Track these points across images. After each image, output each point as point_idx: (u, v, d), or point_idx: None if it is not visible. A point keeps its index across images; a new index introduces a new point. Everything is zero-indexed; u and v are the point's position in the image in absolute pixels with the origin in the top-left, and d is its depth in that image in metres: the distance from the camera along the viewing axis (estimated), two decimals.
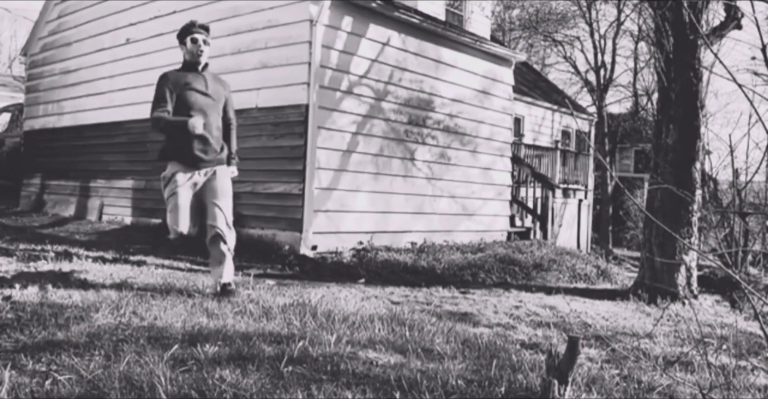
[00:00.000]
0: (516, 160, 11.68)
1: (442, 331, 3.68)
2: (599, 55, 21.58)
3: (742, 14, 7.18)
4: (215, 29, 5.03)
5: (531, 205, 12.02)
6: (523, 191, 12.13)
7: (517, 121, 15.99)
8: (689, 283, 6.90)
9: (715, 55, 2.59)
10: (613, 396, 2.80)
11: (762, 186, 12.38)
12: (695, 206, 6.84)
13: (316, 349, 2.96)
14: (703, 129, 6.93)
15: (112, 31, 10.02)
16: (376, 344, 3.18)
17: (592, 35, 21.43)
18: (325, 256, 7.48)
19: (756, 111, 2.37)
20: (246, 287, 4.65)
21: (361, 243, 7.93)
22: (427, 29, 9.19)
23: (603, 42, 21.75)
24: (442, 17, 10.07)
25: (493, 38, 14.47)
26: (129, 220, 9.50)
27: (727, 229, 9.55)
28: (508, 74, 11.01)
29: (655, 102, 16.78)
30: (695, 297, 6.90)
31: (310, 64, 7.43)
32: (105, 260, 5.81)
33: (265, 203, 7.64)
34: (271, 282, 5.55)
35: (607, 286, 8.22)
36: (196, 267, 6.15)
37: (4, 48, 33.33)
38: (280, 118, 7.62)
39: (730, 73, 2.37)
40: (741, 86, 2.41)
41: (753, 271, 9.10)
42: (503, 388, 2.64)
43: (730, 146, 4.30)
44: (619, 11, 20.11)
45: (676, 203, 6.77)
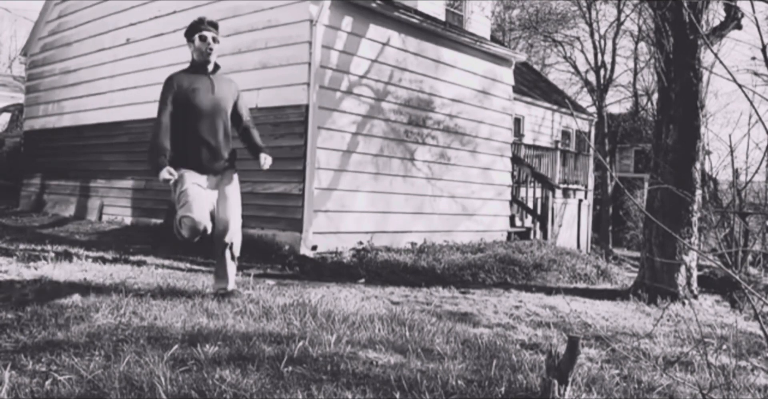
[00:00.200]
0: (516, 160, 11.68)
1: (442, 331, 3.68)
2: (599, 55, 21.59)
3: (742, 14, 7.18)
4: None
5: (531, 205, 12.02)
6: (523, 191, 12.13)
7: (517, 121, 16.00)
8: (689, 283, 6.90)
9: (715, 55, 2.59)
10: (613, 396, 2.80)
11: (762, 186, 12.38)
12: (695, 206, 6.84)
13: (316, 349, 2.96)
14: (703, 129, 6.93)
15: (113, 31, 10.03)
16: (376, 344, 3.18)
17: (592, 35, 21.44)
18: (325, 256, 7.49)
19: (756, 111, 2.37)
20: (246, 287, 4.65)
21: (361, 243, 7.93)
22: (427, 29, 9.19)
23: (603, 42, 21.76)
24: (442, 17, 10.07)
25: (493, 38, 14.47)
26: (129, 220, 9.50)
27: (727, 229, 9.55)
28: (508, 74, 11.01)
29: (655, 102, 16.78)
30: (695, 297, 6.90)
31: (310, 64, 7.44)
32: (105, 260, 5.81)
33: (265, 203, 7.64)
34: (271, 282, 5.55)
35: (607, 286, 8.22)
36: (196, 267, 6.15)
37: (4, 48, 33.35)
38: (280, 118, 7.63)
39: (730, 73, 2.37)
40: (741, 86, 2.41)
41: (753, 271, 9.10)
42: (503, 388, 2.64)
43: (730, 146, 4.30)
44: (619, 11, 20.12)
45: (676, 203, 6.77)
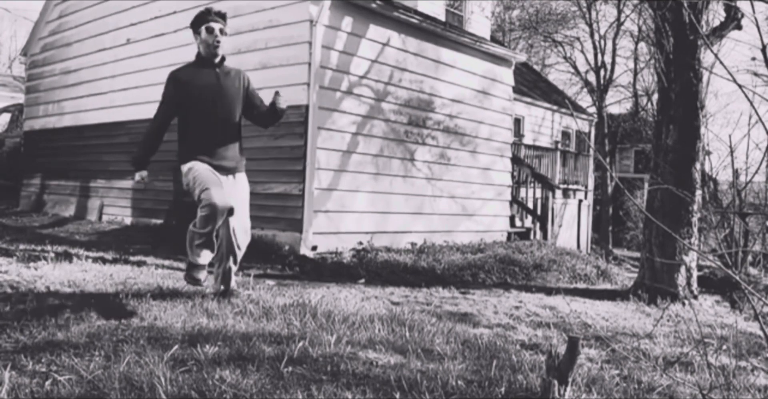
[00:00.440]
0: (516, 161, 11.68)
1: (442, 332, 3.68)
2: (599, 56, 21.58)
3: (742, 14, 7.18)
4: None
5: (531, 205, 12.02)
6: (523, 192, 12.13)
7: (517, 122, 16.00)
8: (689, 284, 6.90)
9: (715, 55, 2.59)
10: (613, 396, 2.80)
11: (762, 186, 12.38)
12: (695, 206, 6.84)
13: (316, 350, 2.96)
14: (703, 129, 6.93)
15: (113, 32, 10.03)
16: (376, 345, 3.18)
17: (592, 36, 21.44)
18: (325, 256, 7.49)
19: (756, 111, 2.37)
20: (246, 287, 4.65)
21: (361, 243, 7.93)
22: (427, 29, 9.19)
23: (603, 42, 21.76)
24: (442, 17, 10.08)
25: (493, 39, 14.48)
26: (129, 220, 9.50)
27: (727, 230, 9.55)
28: (508, 74, 11.01)
29: (655, 102, 16.78)
30: (695, 297, 6.90)
31: (310, 64, 7.44)
32: (105, 260, 5.81)
33: (265, 203, 7.64)
34: (271, 282, 5.55)
35: (607, 286, 8.22)
36: None
37: (4, 48, 33.37)
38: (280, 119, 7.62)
39: (730, 73, 2.37)
40: (741, 87, 2.42)
41: (753, 271, 9.09)
42: (503, 389, 2.64)
43: (730, 147, 4.30)
44: (619, 12, 20.12)
45: (676, 203, 6.77)
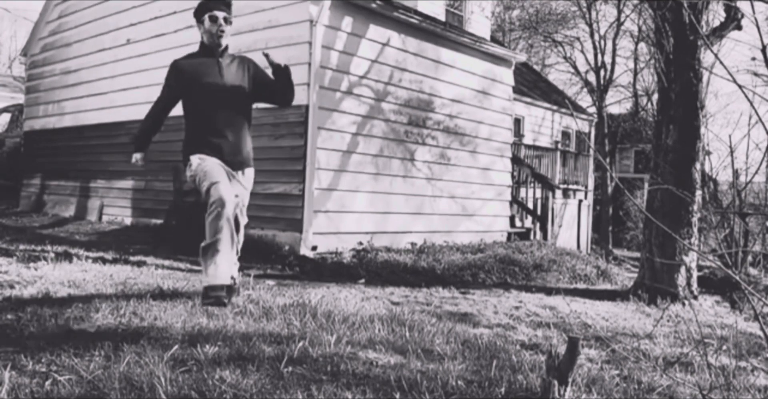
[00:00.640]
0: (516, 161, 11.68)
1: (442, 332, 3.68)
2: (599, 56, 21.59)
3: (742, 15, 7.18)
4: None
5: (531, 205, 12.02)
6: (523, 192, 12.13)
7: (517, 122, 16.00)
8: (689, 284, 6.90)
9: (716, 55, 2.59)
10: (613, 396, 2.80)
11: (762, 186, 12.38)
12: (695, 207, 6.84)
13: (316, 350, 2.96)
14: (703, 129, 6.93)
15: (113, 32, 10.03)
16: (376, 345, 3.18)
17: (592, 36, 21.44)
18: (325, 256, 7.49)
19: (756, 112, 2.37)
20: (246, 287, 4.65)
21: (361, 243, 7.93)
22: (426, 29, 9.19)
23: (603, 42, 21.76)
24: (442, 18, 10.08)
25: (493, 39, 14.48)
26: (129, 220, 9.50)
27: (727, 230, 9.55)
28: (507, 75, 11.01)
29: (655, 102, 16.78)
30: (695, 297, 6.90)
31: (310, 64, 7.44)
32: (105, 261, 5.81)
33: (264, 204, 7.64)
34: (271, 282, 5.55)
35: (607, 286, 8.22)
36: (196, 267, 6.14)
37: (4, 48, 33.39)
38: (280, 119, 7.62)
39: (730, 73, 2.37)
40: (741, 87, 2.41)
41: (753, 271, 9.09)
42: (503, 389, 2.64)
43: (730, 147, 4.30)
44: (619, 12, 20.12)
45: (676, 204, 6.77)
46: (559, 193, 12.20)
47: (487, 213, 10.53)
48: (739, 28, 7.27)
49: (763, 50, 2.34)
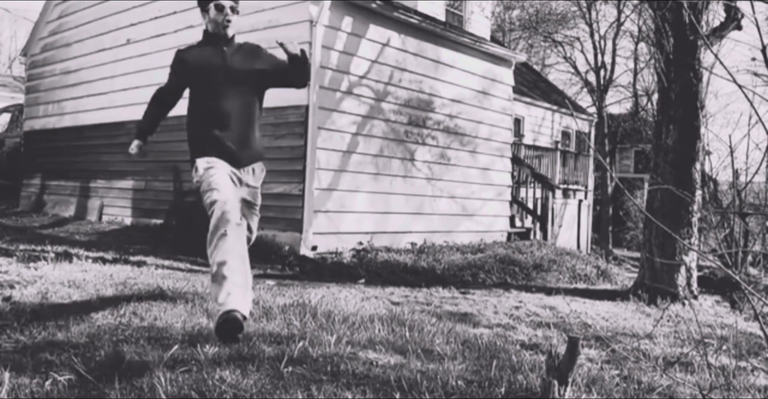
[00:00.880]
0: (516, 161, 11.68)
1: (442, 332, 3.68)
2: (599, 56, 21.58)
3: (742, 15, 7.18)
4: None
5: (531, 205, 12.02)
6: (523, 192, 12.13)
7: (517, 122, 16.00)
8: (689, 284, 6.90)
9: (715, 55, 2.59)
10: (613, 396, 2.80)
11: (762, 186, 12.38)
12: (695, 207, 6.84)
13: (316, 350, 2.96)
14: (703, 129, 6.93)
15: (113, 32, 10.03)
16: (376, 345, 3.18)
17: (592, 36, 21.43)
18: (325, 256, 7.49)
19: (756, 112, 2.37)
20: None
21: (361, 243, 7.93)
22: (426, 30, 9.19)
23: (603, 42, 21.75)
24: (442, 18, 10.08)
25: (493, 39, 14.48)
26: (129, 220, 9.50)
27: (727, 230, 9.54)
28: (507, 75, 11.01)
29: (655, 102, 16.77)
30: (695, 297, 6.90)
31: (310, 64, 7.43)
32: (105, 261, 5.81)
33: (264, 204, 7.56)
34: (271, 282, 5.56)
35: (607, 286, 8.22)
36: (196, 267, 6.15)
37: (4, 48, 33.40)
38: (280, 119, 7.62)
39: (730, 73, 2.37)
40: (741, 87, 2.41)
41: (753, 271, 9.09)
42: (503, 389, 2.64)
43: (730, 147, 4.30)
44: (619, 12, 20.11)
45: (676, 204, 6.77)
46: (559, 193, 12.20)
47: (487, 213, 10.53)
48: (739, 28, 7.26)
49: (763, 50, 2.34)
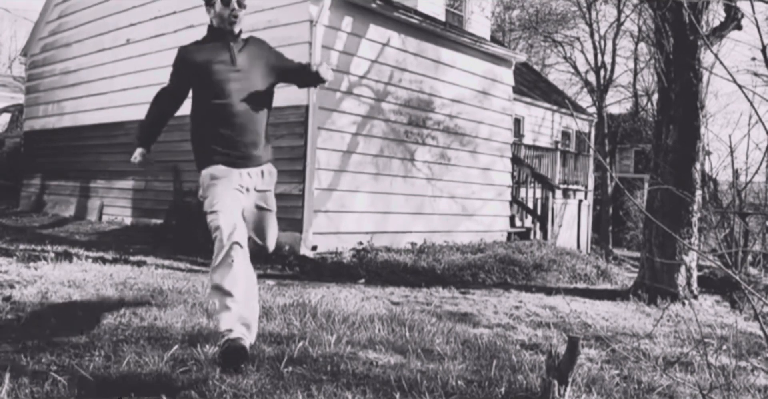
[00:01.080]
0: (516, 161, 11.68)
1: (442, 332, 3.68)
2: (599, 56, 21.58)
3: (742, 15, 7.17)
4: None
5: (531, 205, 12.02)
6: (523, 192, 12.13)
7: (517, 122, 16.00)
8: (689, 284, 6.90)
9: (715, 55, 2.59)
10: (613, 396, 2.80)
11: (762, 186, 12.38)
12: (695, 206, 6.84)
13: (316, 350, 2.96)
14: (703, 129, 6.92)
15: (113, 32, 10.03)
16: (376, 345, 3.18)
17: (592, 36, 21.43)
18: (325, 256, 7.48)
19: (756, 112, 2.37)
20: None
21: (361, 243, 7.93)
22: (426, 29, 9.19)
23: (603, 42, 21.75)
24: (442, 18, 10.08)
25: (493, 39, 14.48)
26: (129, 220, 9.50)
27: (727, 230, 9.54)
28: (507, 75, 11.01)
29: (655, 102, 16.77)
30: (695, 297, 6.90)
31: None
32: (105, 261, 5.81)
33: None
34: (271, 282, 5.56)
35: (607, 286, 8.22)
36: (196, 267, 6.15)
37: (4, 48, 33.40)
38: (280, 119, 7.62)
39: (730, 73, 2.37)
40: (741, 87, 2.41)
41: (753, 271, 9.09)
42: (503, 389, 2.64)
43: (730, 147, 4.30)
44: (619, 12, 20.11)
45: (676, 203, 6.77)
46: (559, 193, 12.20)
47: (487, 213, 10.53)
48: (739, 28, 7.26)
49: (763, 50, 2.34)
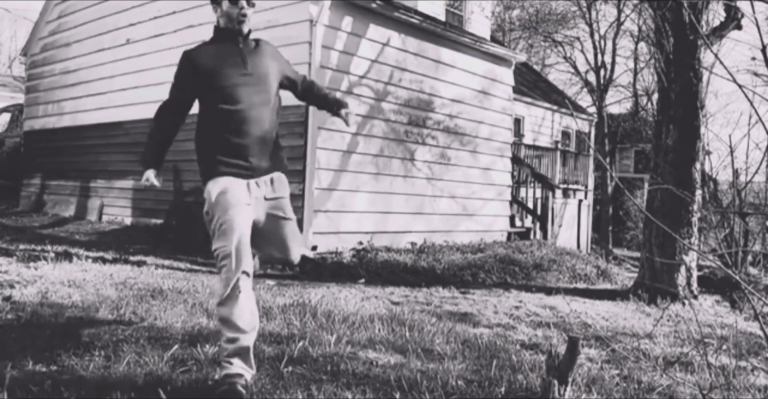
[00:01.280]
0: (516, 161, 11.68)
1: (442, 332, 3.68)
2: (599, 56, 21.58)
3: (742, 14, 7.17)
4: None
5: (531, 205, 12.02)
6: (523, 191, 12.13)
7: (517, 122, 16.00)
8: (689, 284, 6.90)
9: (715, 55, 2.59)
10: (613, 396, 2.80)
11: (762, 186, 12.38)
12: (695, 206, 6.84)
13: (316, 350, 2.96)
14: (703, 129, 6.92)
15: (112, 32, 10.03)
16: (376, 344, 3.18)
17: (592, 36, 21.43)
18: (325, 256, 7.48)
19: (756, 111, 2.37)
20: None
21: (361, 243, 7.92)
22: (427, 29, 9.19)
23: (603, 42, 21.75)
24: (442, 17, 10.08)
25: (493, 38, 14.48)
26: (129, 220, 9.50)
27: (727, 230, 9.54)
28: (508, 74, 11.01)
29: (655, 102, 16.77)
30: (695, 297, 6.90)
31: (310, 64, 7.43)
32: (105, 260, 5.81)
33: None
34: (271, 282, 5.56)
35: (607, 286, 8.22)
36: (196, 267, 6.15)
37: (4, 48, 33.40)
38: (280, 119, 7.60)
39: (730, 73, 2.37)
40: (741, 87, 2.41)
41: (753, 271, 9.09)
42: (503, 389, 2.64)
43: (730, 146, 4.31)
44: (619, 12, 20.11)
45: (676, 203, 6.77)
46: (559, 193, 12.20)
47: (488, 213, 10.53)
48: (739, 27, 7.26)
49: (763, 50, 2.34)
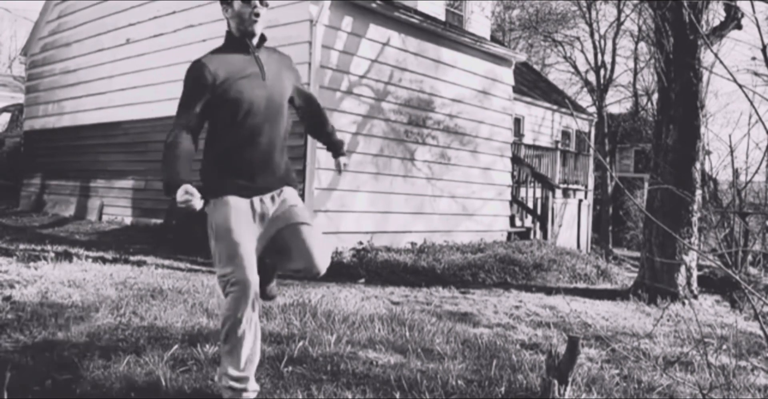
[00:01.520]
0: (516, 160, 11.68)
1: (442, 331, 3.68)
2: (599, 55, 21.58)
3: (742, 14, 7.17)
4: (216, 30, 4.99)
5: (531, 205, 12.02)
6: (523, 191, 12.13)
7: (517, 121, 15.99)
8: (689, 283, 6.90)
9: (715, 55, 2.59)
10: (613, 396, 2.80)
11: (762, 186, 12.38)
12: (695, 206, 6.84)
13: (316, 349, 2.96)
14: (703, 129, 6.93)
15: (112, 32, 10.03)
16: (376, 344, 3.18)
17: (592, 35, 21.43)
18: None
19: (756, 111, 2.37)
20: None
21: (361, 243, 7.93)
22: (427, 29, 9.19)
23: (603, 42, 21.75)
24: (442, 17, 10.07)
25: (493, 38, 14.47)
26: (129, 220, 9.50)
27: (727, 229, 9.54)
28: (508, 74, 11.01)
29: (655, 102, 16.77)
30: (695, 297, 6.90)
31: (310, 64, 7.43)
32: (105, 260, 5.81)
33: None
34: None
35: (607, 286, 8.22)
36: (196, 267, 6.15)
37: (4, 48, 33.39)
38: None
39: (730, 73, 2.37)
40: (741, 86, 2.41)
41: (753, 271, 9.09)
42: (503, 388, 2.64)
43: (730, 146, 4.31)
44: (619, 11, 20.11)
45: (676, 203, 6.77)
46: (559, 193, 12.20)
47: (488, 212, 10.52)
48: (739, 27, 7.26)
49: (763, 50, 2.34)
